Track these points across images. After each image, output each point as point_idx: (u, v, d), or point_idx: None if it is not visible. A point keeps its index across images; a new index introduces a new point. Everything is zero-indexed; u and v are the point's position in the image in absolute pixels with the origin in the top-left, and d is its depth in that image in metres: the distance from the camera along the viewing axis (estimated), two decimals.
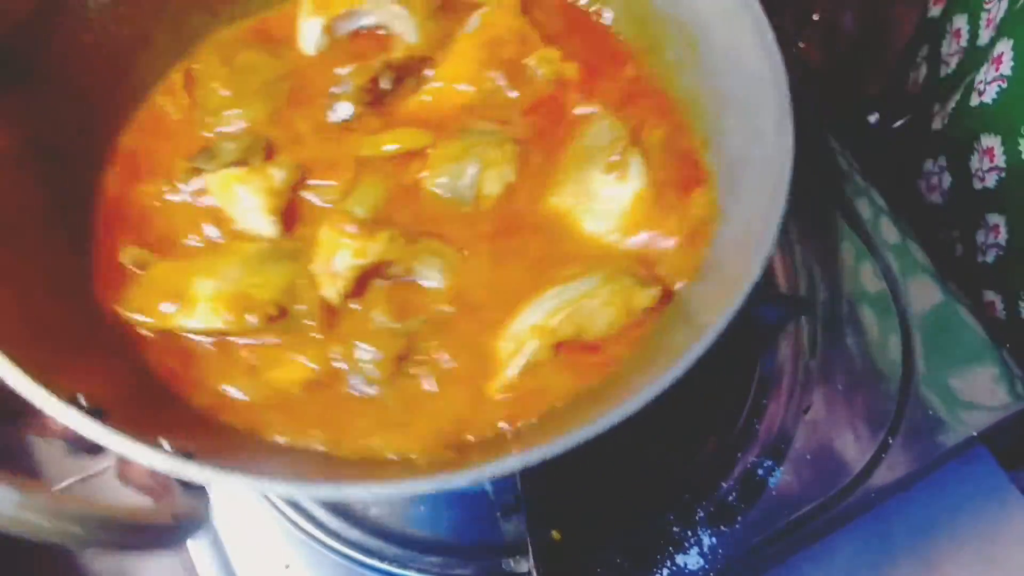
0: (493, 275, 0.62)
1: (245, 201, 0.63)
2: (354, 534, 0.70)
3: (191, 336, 0.60)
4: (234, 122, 0.69)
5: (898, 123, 0.89)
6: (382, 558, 0.69)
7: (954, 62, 0.86)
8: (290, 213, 0.64)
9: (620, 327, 0.58)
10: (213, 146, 0.67)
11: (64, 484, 0.94)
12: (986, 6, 0.80)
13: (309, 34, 0.71)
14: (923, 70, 0.93)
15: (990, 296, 0.84)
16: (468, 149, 0.65)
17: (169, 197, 0.65)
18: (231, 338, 0.60)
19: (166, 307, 0.59)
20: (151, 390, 0.58)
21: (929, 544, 0.71)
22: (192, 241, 0.64)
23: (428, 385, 0.59)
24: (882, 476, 0.69)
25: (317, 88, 0.70)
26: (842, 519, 0.69)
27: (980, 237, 0.83)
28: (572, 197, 0.64)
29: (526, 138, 0.67)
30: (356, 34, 0.72)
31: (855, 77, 1.03)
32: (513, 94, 0.69)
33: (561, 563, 0.66)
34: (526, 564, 0.66)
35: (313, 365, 0.59)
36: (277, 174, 0.64)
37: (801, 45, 0.97)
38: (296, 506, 0.71)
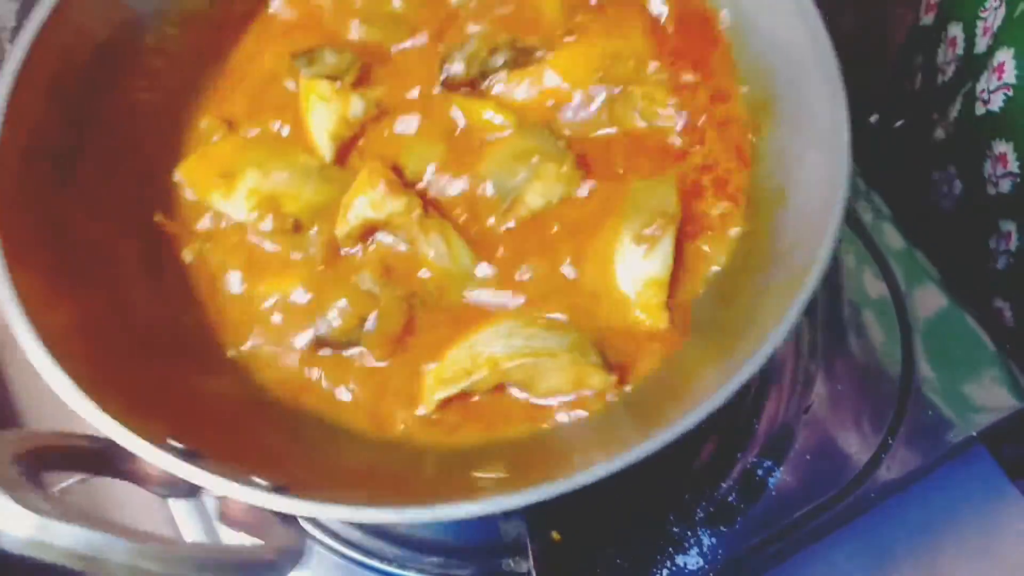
0: (486, 282, 0.62)
1: (319, 117, 0.66)
2: (354, 534, 0.70)
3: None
4: (351, 34, 0.71)
5: (898, 123, 0.89)
6: (382, 558, 0.69)
7: (951, 70, 0.86)
8: (351, 143, 0.66)
9: (562, 395, 0.59)
10: (316, 51, 0.69)
11: (64, 484, 0.94)
12: (982, 14, 0.80)
13: None
14: (919, 78, 0.93)
15: (999, 303, 0.84)
16: (529, 152, 0.65)
17: (266, 84, 0.69)
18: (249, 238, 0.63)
19: (215, 181, 0.64)
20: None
21: (929, 544, 0.71)
22: (269, 128, 0.67)
23: (371, 360, 0.60)
24: (882, 476, 0.69)
25: (439, 36, 0.70)
26: (842, 519, 0.69)
27: (992, 243, 0.83)
28: (600, 244, 0.64)
29: (590, 164, 0.66)
30: None
31: (855, 77, 1.03)
32: (603, 115, 0.68)
33: (561, 563, 0.66)
34: (526, 564, 0.66)
35: (296, 289, 0.62)
36: (356, 104, 0.66)
37: None
38: None
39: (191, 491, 0.48)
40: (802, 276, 0.53)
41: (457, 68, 0.68)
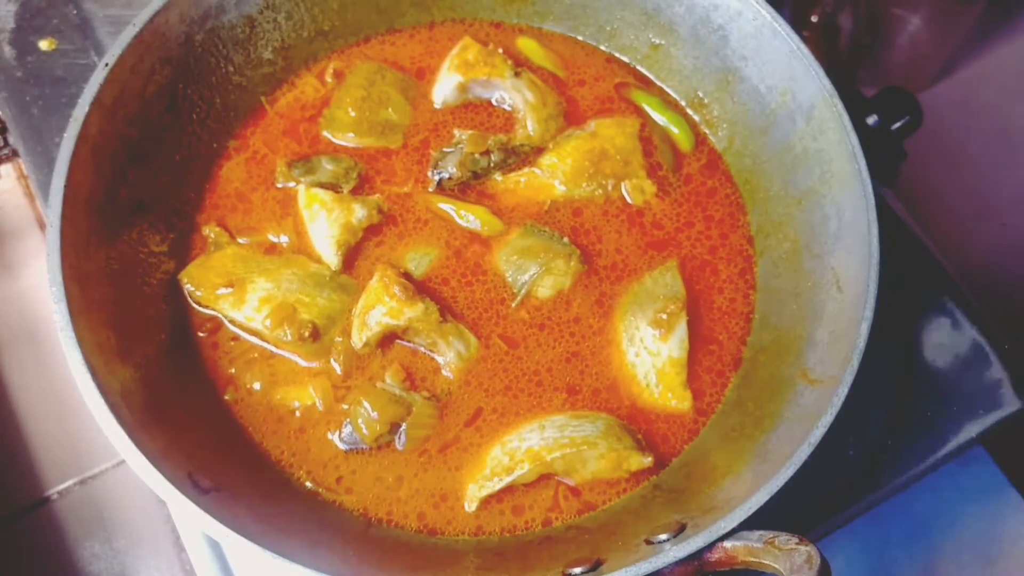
0: (506, 376, 0.66)
1: (322, 226, 0.67)
2: None
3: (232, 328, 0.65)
4: (345, 143, 0.73)
5: (897, 124, 0.89)
6: None
7: None
8: (356, 249, 0.68)
9: (605, 479, 0.63)
10: (314, 160, 0.71)
11: (64, 485, 0.94)
12: None
13: (444, 86, 0.74)
14: None
15: None
16: (538, 250, 0.68)
17: (264, 193, 0.70)
18: (262, 343, 0.65)
19: (222, 290, 0.64)
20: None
21: (929, 544, 0.71)
22: (267, 239, 0.69)
23: (414, 458, 0.63)
24: (882, 477, 0.69)
25: (430, 141, 0.73)
26: (841, 520, 0.69)
27: None
28: (617, 332, 0.67)
29: (592, 256, 0.70)
30: (485, 105, 0.75)
31: (854, 77, 1.03)
32: (597, 208, 0.72)
33: None
34: None
35: (318, 398, 0.64)
36: (359, 211, 0.68)
37: None
38: None
39: None
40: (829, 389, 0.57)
41: (449, 172, 0.70)
